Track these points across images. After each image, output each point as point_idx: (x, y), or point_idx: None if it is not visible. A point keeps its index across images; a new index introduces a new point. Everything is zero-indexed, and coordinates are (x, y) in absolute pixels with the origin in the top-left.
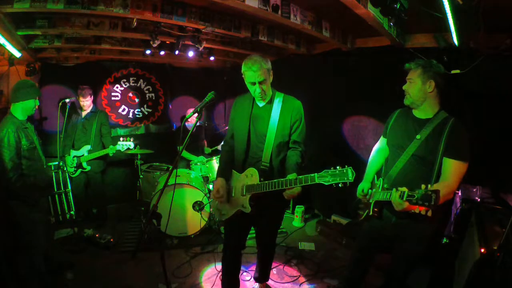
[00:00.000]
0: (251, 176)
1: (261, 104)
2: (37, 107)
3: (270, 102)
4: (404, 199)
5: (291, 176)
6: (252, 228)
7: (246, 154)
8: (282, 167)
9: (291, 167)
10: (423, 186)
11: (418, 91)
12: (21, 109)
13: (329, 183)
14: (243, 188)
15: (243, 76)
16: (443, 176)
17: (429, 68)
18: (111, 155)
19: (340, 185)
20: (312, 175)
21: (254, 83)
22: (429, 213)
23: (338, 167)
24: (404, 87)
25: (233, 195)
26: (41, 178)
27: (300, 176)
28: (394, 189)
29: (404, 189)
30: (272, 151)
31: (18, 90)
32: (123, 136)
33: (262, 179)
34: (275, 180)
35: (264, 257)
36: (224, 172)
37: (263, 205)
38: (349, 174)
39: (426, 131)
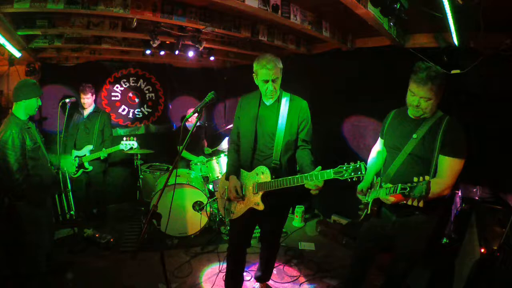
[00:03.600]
0: (262, 174)
1: (268, 102)
2: (39, 106)
3: (278, 101)
4: (398, 192)
5: (316, 171)
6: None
7: (253, 152)
8: (289, 164)
9: (309, 166)
10: (415, 179)
11: (434, 106)
12: (24, 108)
13: (344, 178)
14: (254, 186)
15: (254, 74)
16: (438, 173)
17: (440, 80)
18: (102, 158)
19: (354, 179)
20: (328, 171)
21: (267, 81)
22: (421, 204)
23: (351, 163)
24: (415, 103)
25: (243, 193)
26: (46, 176)
27: (316, 172)
28: (383, 184)
29: (389, 185)
30: (282, 149)
31: (20, 88)
32: (124, 136)
33: (273, 177)
34: (290, 177)
35: (268, 256)
36: (235, 170)
37: (272, 203)
38: (362, 168)
39: (423, 130)
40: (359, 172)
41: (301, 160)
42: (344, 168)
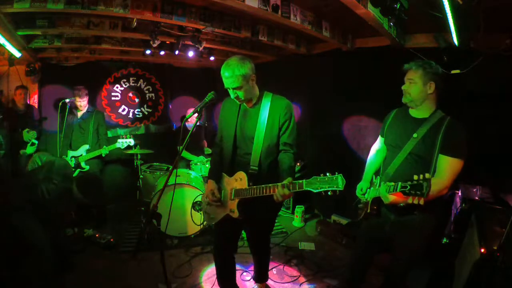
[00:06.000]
0: (240, 180)
1: (248, 105)
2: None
3: (258, 103)
4: (398, 190)
5: (287, 181)
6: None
7: (233, 156)
8: (271, 170)
9: (286, 171)
10: (415, 177)
11: (419, 92)
12: None
13: (318, 190)
14: (232, 192)
15: None
16: (437, 173)
17: (429, 69)
18: (103, 155)
19: (329, 193)
20: (301, 181)
21: (228, 88)
22: (421, 202)
23: (328, 174)
24: (404, 87)
25: (222, 198)
26: None
27: (285, 182)
28: (382, 183)
29: (392, 183)
30: (261, 154)
31: None
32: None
33: (250, 184)
34: (263, 186)
35: (257, 260)
36: (214, 174)
37: (251, 210)
38: (339, 181)
39: (423, 130)
40: (335, 186)
41: (279, 165)
42: (319, 179)
